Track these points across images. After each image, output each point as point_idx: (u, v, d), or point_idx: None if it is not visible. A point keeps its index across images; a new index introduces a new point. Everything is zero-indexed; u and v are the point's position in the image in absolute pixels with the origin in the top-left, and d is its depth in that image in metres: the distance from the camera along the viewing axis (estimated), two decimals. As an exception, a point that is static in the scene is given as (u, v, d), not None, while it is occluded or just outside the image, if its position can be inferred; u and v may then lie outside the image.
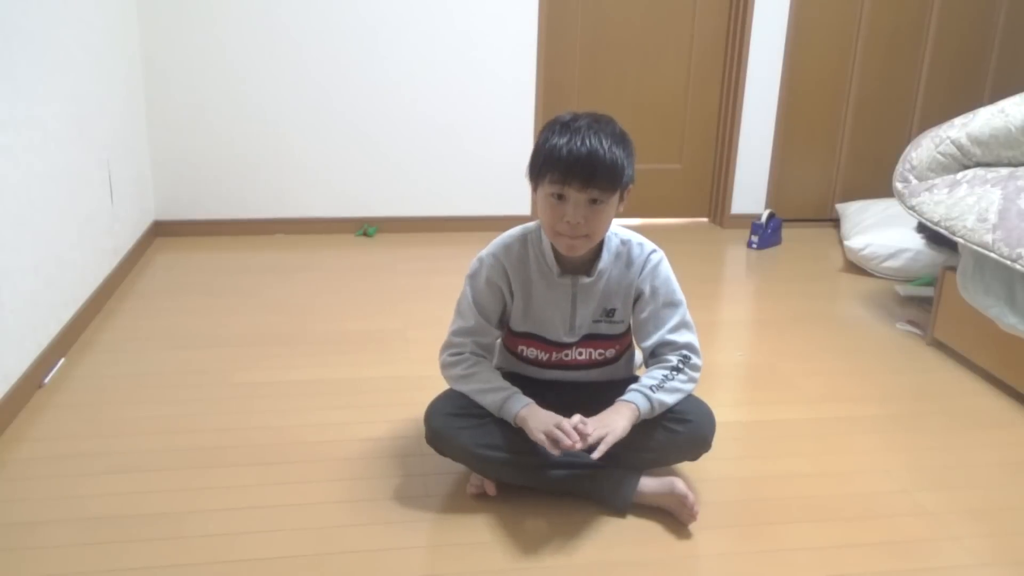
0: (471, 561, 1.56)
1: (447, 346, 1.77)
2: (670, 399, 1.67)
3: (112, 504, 1.69)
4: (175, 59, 3.42)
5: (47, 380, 2.21)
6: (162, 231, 3.58)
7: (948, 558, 1.62)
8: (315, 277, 3.18)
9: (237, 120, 3.53)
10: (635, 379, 1.73)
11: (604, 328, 1.75)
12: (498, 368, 1.82)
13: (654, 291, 1.72)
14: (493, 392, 1.68)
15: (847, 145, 4.02)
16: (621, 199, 1.62)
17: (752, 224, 3.72)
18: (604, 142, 1.52)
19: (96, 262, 2.75)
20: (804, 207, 4.07)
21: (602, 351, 1.78)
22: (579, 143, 1.51)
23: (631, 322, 1.79)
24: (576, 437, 1.55)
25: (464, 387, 1.72)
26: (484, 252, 1.74)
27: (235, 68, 3.47)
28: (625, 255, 1.72)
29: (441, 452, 1.74)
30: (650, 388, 1.66)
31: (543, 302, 1.71)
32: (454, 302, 1.79)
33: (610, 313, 1.73)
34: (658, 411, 1.66)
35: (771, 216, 3.73)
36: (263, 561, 1.54)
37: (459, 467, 1.82)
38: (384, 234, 3.73)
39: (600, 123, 1.56)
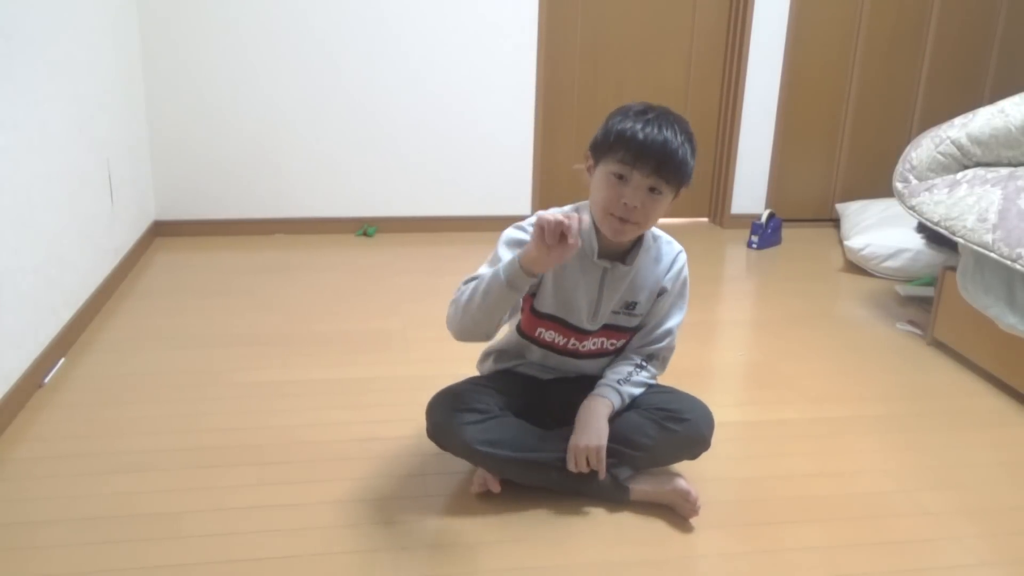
0: (471, 561, 1.56)
1: (456, 295, 1.64)
2: (636, 391, 1.74)
3: (112, 504, 1.69)
4: (175, 59, 3.43)
5: (47, 380, 2.21)
6: (162, 231, 3.58)
7: (948, 558, 1.62)
8: (315, 277, 3.18)
9: (237, 120, 3.53)
10: None
11: (623, 320, 1.74)
12: (502, 367, 1.83)
13: (673, 292, 1.75)
14: (486, 280, 1.54)
15: (847, 145, 4.03)
16: (675, 196, 1.62)
17: (752, 224, 3.72)
18: (678, 135, 1.53)
19: (96, 262, 2.75)
20: (804, 207, 4.08)
21: (614, 342, 1.77)
22: (655, 130, 1.51)
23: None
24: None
25: (463, 299, 1.58)
26: (525, 221, 1.66)
27: (235, 68, 3.47)
28: (655, 250, 1.72)
29: (442, 447, 1.73)
30: (617, 382, 1.73)
31: (573, 284, 1.68)
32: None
33: (631, 306, 1.73)
34: (626, 402, 1.72)
35: (771, 216, 3.73)
36: (263, 561, 1.54)
37: (460, 467, 1.82)
38: (384, 234, 3.73)
39: (673, 116, 1.57)
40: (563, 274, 1.68)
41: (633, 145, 1.51)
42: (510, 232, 1.67)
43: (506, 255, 1.58)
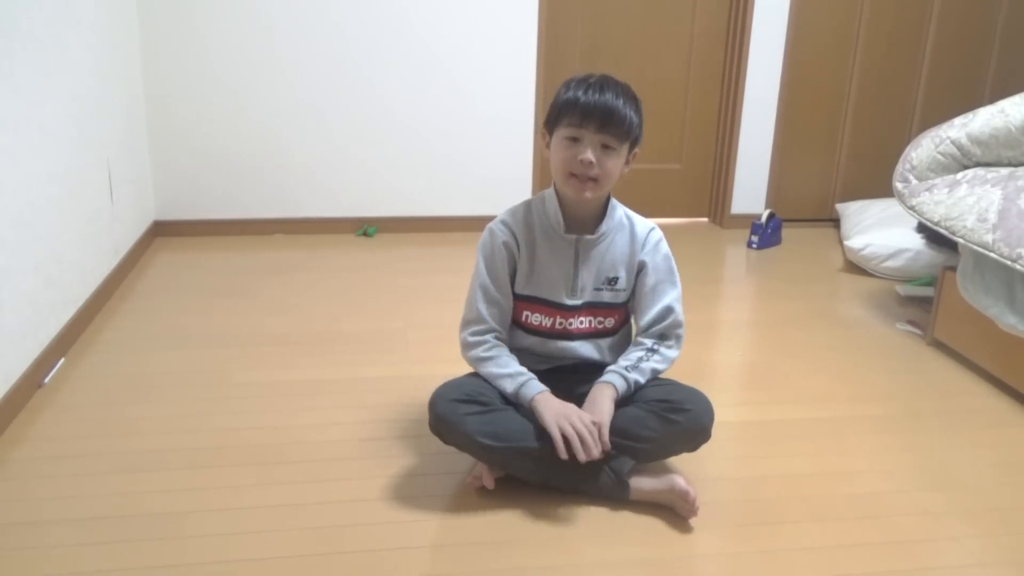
0: (471, 561, 1.56)
1: (467, 323, 1.81)
2: (643, 378, 1.75)
3: (112, 504, 1.69)
4: (175, 59, 3.42)
5: (47, 380, 2.21)
6: (162, 231, 3.58)
7: (948, 558, 1.62)
8: (315, 277, 3.18)
9: (237, 120, 3.53)
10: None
11: (607, 296, 1.80)
12: None
13: (655, 266, 1.80)
14: (510, 377, 1.72)
15: (847, 145, 4.03)
16: (627, 161, 1.72)
17: (752, 224, 3.72)
18: (618, 96, 1.66)
19: (96, 262, 2.75)
20: (804, 207, 4.08)
21: (602, 319, 1.82)
22: (596, 93, 1.64)
23: (633, 295, 1.84)
24: (592, 449, 1.62)
25: (483, 369, 1.76)
26: (492, 223, 1.82)
27: (235, 68, 3.47)
28: (628, 227, 1.81)
29: (444, 439, 1.73)
30: (625, 368, 1.75)
31: (546, 261, 1.78)
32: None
33: (612, 281, 1.80)
34: (632, 390, 1.74)
35: (771, 216, 3.73)
36: (263, 561, 1.54)
37: (460, 467, 1.82)
38: (384, 234, 3.73)
39: (613, 80, 1.70)
40: (536, 255, 1.78)
41: (578, 108, 1.64)
42: (485, 242, 1.79)
43: (483, 269, 1.77)
